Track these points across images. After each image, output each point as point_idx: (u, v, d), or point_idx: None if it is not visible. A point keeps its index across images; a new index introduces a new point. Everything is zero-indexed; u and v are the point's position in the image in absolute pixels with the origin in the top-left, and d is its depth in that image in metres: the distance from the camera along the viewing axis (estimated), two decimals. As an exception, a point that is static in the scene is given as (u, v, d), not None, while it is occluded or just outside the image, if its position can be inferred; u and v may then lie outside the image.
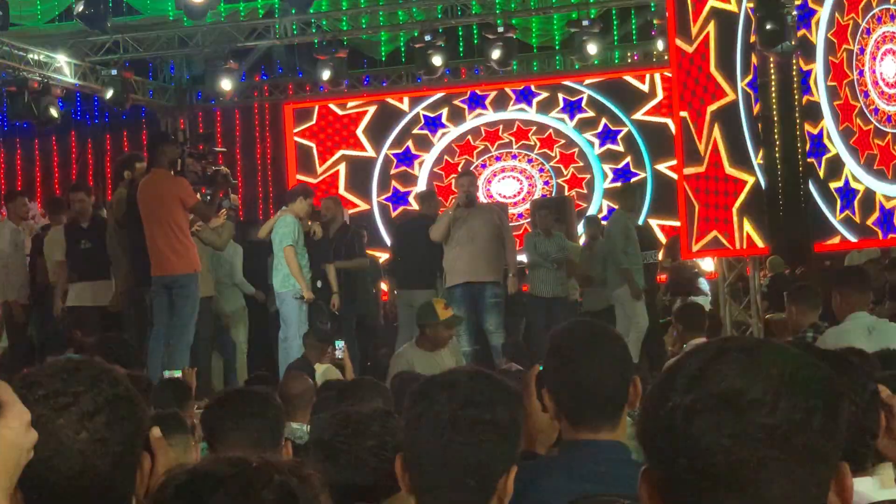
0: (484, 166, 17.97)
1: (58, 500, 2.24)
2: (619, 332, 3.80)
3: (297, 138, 17.97)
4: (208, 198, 11.73)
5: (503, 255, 12.15)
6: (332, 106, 18.04)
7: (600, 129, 17.46)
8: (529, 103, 17.87)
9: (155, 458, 2.48)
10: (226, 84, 16.36)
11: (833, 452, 1.56)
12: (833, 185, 11.88)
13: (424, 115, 18.05)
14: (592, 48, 15.85)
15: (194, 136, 16.82)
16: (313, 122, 18.16)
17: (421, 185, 17.58)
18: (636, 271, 12.67)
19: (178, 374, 9.81)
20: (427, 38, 15.56)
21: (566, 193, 17.56)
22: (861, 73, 12.50)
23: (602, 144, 17.52)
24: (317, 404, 6.46)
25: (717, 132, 11.34)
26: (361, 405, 4.76)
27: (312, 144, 18.15)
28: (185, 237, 10.86)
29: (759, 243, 11.36)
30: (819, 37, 12.11)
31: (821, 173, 11.83)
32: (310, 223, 12.15)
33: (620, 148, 17.48)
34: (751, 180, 11.39)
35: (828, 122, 11.99)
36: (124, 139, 18.72)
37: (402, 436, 3.61)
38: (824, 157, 11.90)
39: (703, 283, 14.65)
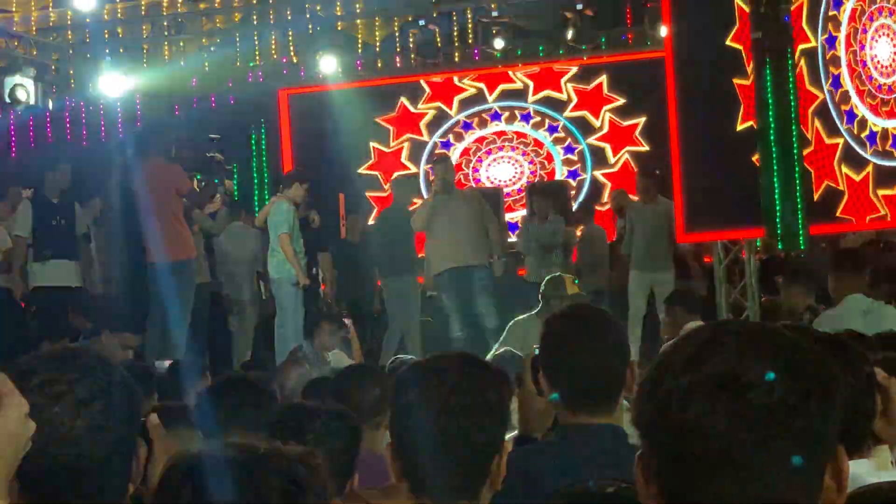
0: (489, 153, 18.81)
1: (54, 487, 2.24)
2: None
3: (381, 121, 18.94)
4: (203, 184, 11.73)
5: (486, 237, 12.14)
6: (405, 103, 18.90)
7: (566, 144, 18.65)
8: (528, 122, 18.85)
9: (152, 445, 2.49)
10: (221, 69, 16.34)
11: (829, 435, 1.56)
12: (843, 108, 12.12)
13: (464, 121, 18.95)
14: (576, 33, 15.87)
15: (188, 122, 16.81)
16: (394, 113, 18.97)
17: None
18: None
19: (168, 363, 9.85)
20: (421, 23, 15.56)
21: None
22: (836, 83, 12.59)
23: (564, 154, 18.68)
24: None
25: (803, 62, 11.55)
26: (359, 393, 4.77)
27: (391, 127, 18.99)
28: (180, 223, 10.87)
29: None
30: (845, 15, 12.22)
31: (836, 97, 12.05)
32: (308, 212, 12.18)
33: (575, 158, 18.63)
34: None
35: (843, 69, 12.09)
36: (119, 125, 18.66)
37: (350, 439, 3.64)
38: (839, 91, 12.04)
39: None
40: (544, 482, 3.18)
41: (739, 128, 11.28)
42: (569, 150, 18.58)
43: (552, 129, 18.63)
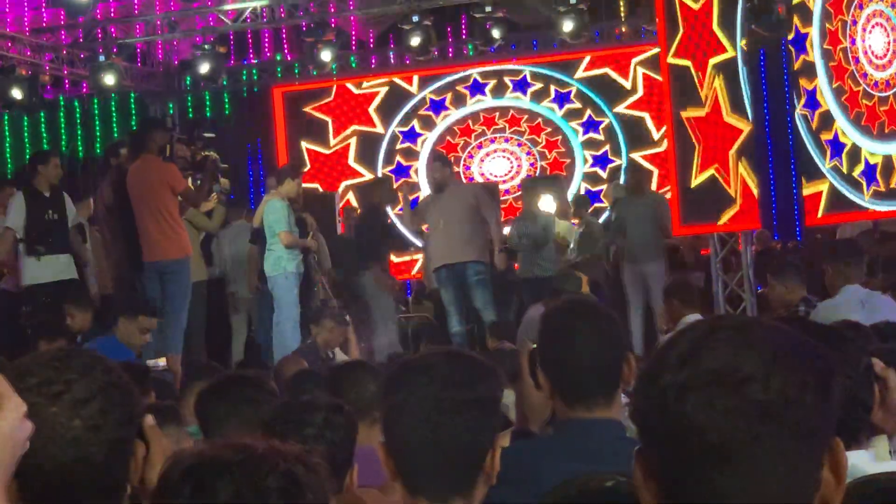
0: (480, 147, 18.45)
1: (52, 488, 2.24)
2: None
3: (314, 112, 18.32)
4: (198, 183, 11.72)
5: (483, 232, 12.16)
6: (349, 85, 18.39)
7: (585, 118, 18.10)
8: (524, 92, 18.34)
9: (149, 446, 2.48)
10: (214, 68, 16.32)
11: (826, 428, 1.56)
12: (823, 137, 12.42)
13: (431, 99, 18.46)
14: (569, 25, 15.84)
15: (183, 121, 16.82)
16: (331, 98, 18.46)
17: (422, 161, 17.99)
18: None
19: (162, 362, 9.85)
20: (414, 18, 15.53)
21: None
22: (853, 42, 12.72)
23: (585, 133, 18.12)
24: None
25: (717, 83, 11.69)
26: (315, 395, 4.76)
27: (329, 119, 18.49)
28: (175, 222, 10.87)
29: (753, 188, 11.54)
30: (816, 4, 12.40)
31: (813, 125, 12.28)
32: (305, 216, 12.22)
33: (601, 137, 18.12)
34: (747, 129, 11.68)
35: (821, 81, 12.40)
36: (113, 125, 18.64)
37: (349, 432, 3.65)
38: (817, 112, 12.38)
39: None
40: (542, 477, 3.18)
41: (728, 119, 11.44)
42: (590, 125, 17.97)
43: (561, 99, 17.96)
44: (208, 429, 4.26)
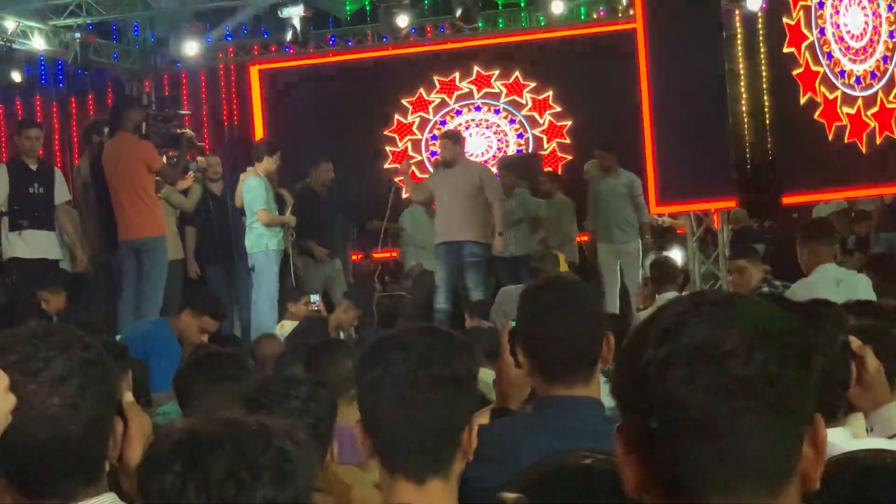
0: (444, 123, 18.16)
1: (31, 465, 2.24)
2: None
3: (403, 101, 18.39)
4: (174, 160, 11.68)
5: (484, 213, 12.18)
6: (422, 93, 18.37)
7: (518, 133, 18.46)
8: (497, 115, 18.49)
9: (128, 423, 2.48)
10: (191, 46, 16.24)
11: (807, 403, 1.57)
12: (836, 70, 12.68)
13: (456, 108, 18.47)
14: (558, 5, 15.86)
15: (159, 98, 16.75)
16: (413, 97, 18.42)
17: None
18: None
19: None
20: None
21: (545, 146, 17.90)
22: (822, 32, 12.52)
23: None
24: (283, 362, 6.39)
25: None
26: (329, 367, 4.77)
27: (409, 105, 18.50)
28: (151, 200, 10.82)
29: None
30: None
31: None
32: (283, 192, 12.24)
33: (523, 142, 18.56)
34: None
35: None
36: (90, 103, 18.57)
37: (330, 408, 3.65)
38: None
39: None
40: (521, 454, 3.19)
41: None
42: (520, 136, 18.22)
43: (512, 121, 18.25)
44: (187, 405, 4.26)
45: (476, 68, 18.19)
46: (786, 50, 12.45)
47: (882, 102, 12.61)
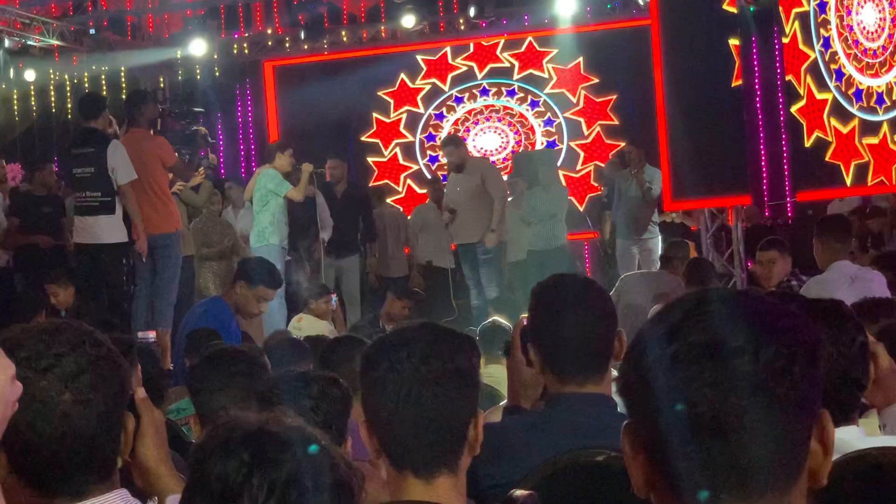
0: (440, 117, 17.64)
1: (42, 462, 2.24)
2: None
3: (381, 94, 17.79)
4: (187, 157, 11.69)
5: (493, 210, 12.42)
6: (405, 79, 17.81)
7: (545, 118, 17.53)
8: (512, 97, 17.60)
9: (140, 419, 2.48)
10: (205, 43, 16.26)
11: (814, 399, 1.57)
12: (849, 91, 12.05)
13: (456, 95, 17.79)
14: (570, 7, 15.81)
15: (174, 95, 16.75)
16: (394, 87, 17.84)
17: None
18: None
19: (151, 335, 9.84)
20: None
21: (585, 133, 17.10)
22: (826, 44, 12.23)
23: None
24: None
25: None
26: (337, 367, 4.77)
27: (391, 100, 17.97)
28: (166, 196, 10.82)
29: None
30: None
31: None
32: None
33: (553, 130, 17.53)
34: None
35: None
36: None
37: (345, 404, 3.65)
38: None
39: None
40: (533, 452, 3.19)
41: (733, 85, 11.09)
42: (548, 122, 17.14)
43: (534, 104, 17.20)
44: (201, 402, 4.26)
45: (472, 42, 16.88)
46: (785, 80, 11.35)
47: (877, 71, 12.29)
